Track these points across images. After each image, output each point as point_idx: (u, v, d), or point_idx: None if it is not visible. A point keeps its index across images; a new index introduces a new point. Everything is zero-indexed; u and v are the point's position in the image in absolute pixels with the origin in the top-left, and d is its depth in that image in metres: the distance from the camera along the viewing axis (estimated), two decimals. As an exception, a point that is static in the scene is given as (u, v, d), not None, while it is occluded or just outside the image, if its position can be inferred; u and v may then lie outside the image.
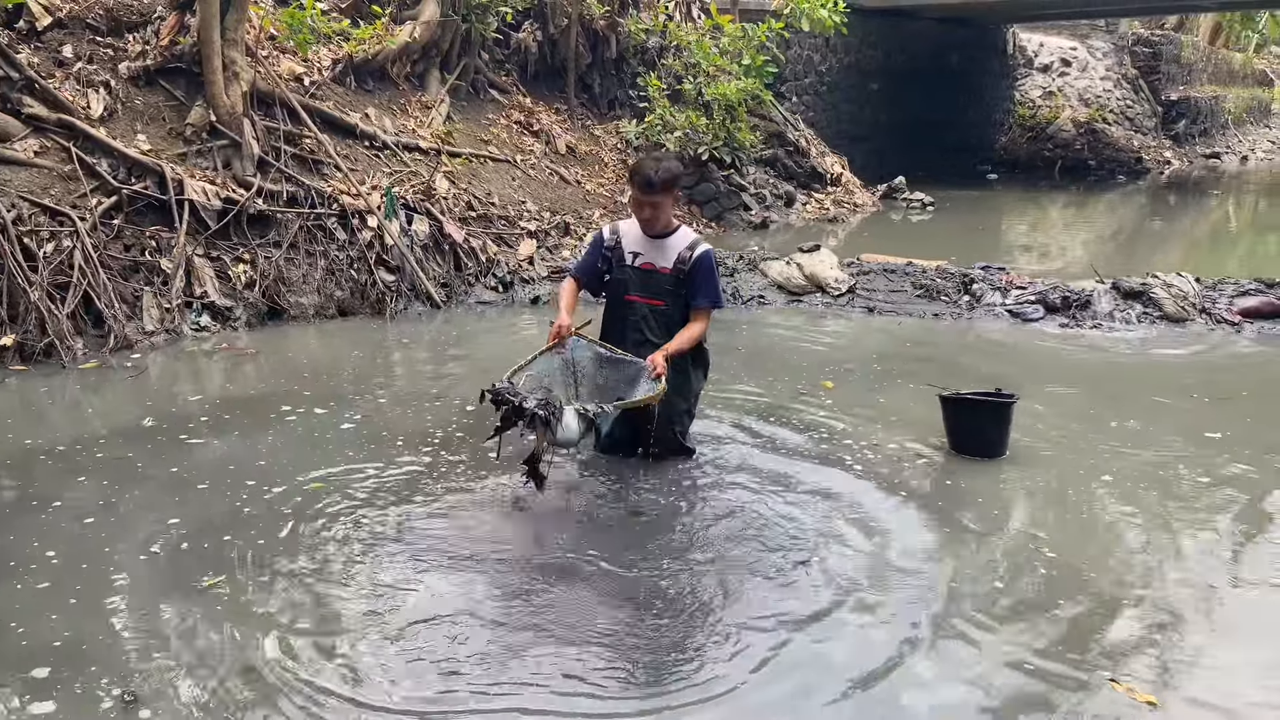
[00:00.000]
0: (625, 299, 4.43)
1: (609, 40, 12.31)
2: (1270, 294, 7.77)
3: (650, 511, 4.13)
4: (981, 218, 14.87)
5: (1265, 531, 4.08)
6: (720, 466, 4.61)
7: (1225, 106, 28.84)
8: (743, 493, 4.31)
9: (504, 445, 4.29)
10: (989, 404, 4.80)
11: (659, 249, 4.41)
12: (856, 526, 4.00)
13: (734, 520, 4.04)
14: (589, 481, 4.45)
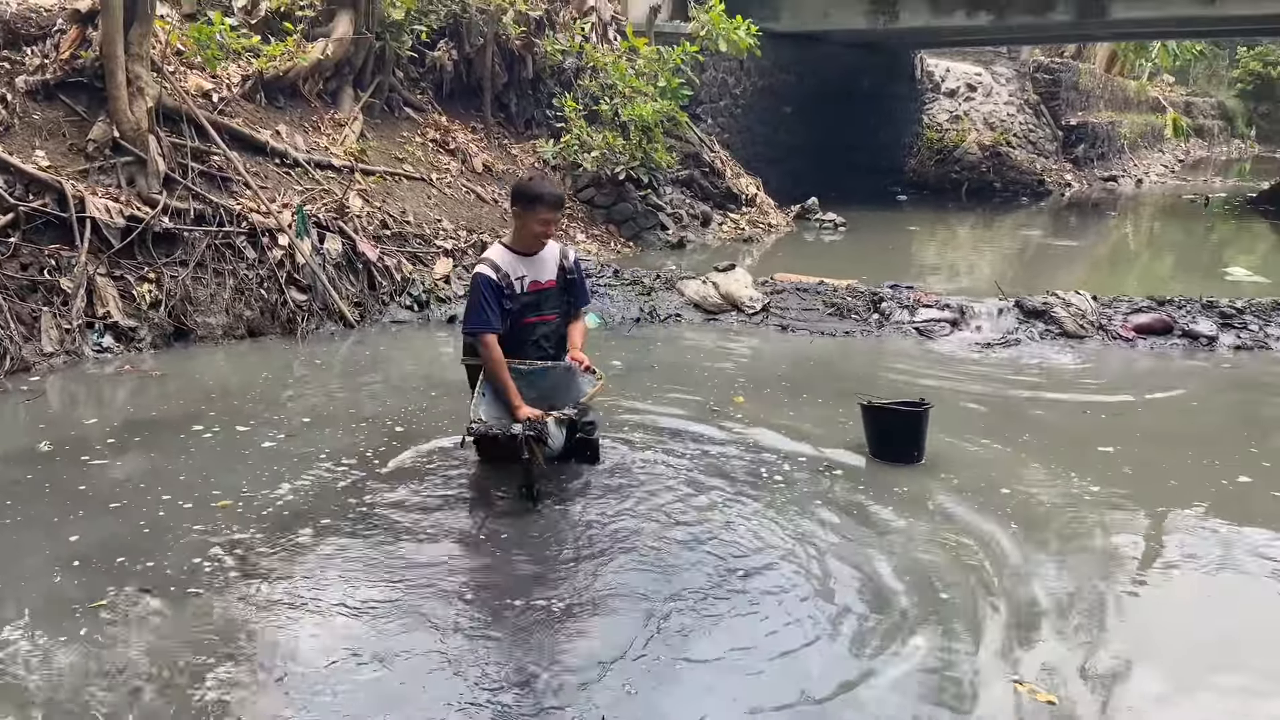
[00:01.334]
0: (524, 323, 4.47)
1: (525, 60, 12.34)
2: (1161, 311, 8.13)
3: (563, 528, 4.14)
4: (892, 238, 15.25)
5: (1158, 537, 4.27)
6: (637, 481, 4.64)
7: (1121, 131, 30.12)
8: (660, 502, 4.36)
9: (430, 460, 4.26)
10: (909, 412, 5.03)
11: (538, 265, 4.51)
12: (777, 534, 4.08)
13: (648, 534, 4.08)
14: (511, 501, 4.44)
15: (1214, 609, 3.67)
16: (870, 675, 3.11)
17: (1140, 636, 3.42)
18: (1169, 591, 3.81)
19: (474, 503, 4.40)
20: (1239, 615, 3.63)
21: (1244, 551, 4.10)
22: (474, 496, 4.46)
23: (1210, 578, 3.90)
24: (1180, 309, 8.25)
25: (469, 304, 4.43)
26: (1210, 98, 42.20)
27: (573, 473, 4.67)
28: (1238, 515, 4.47)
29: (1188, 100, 39.74)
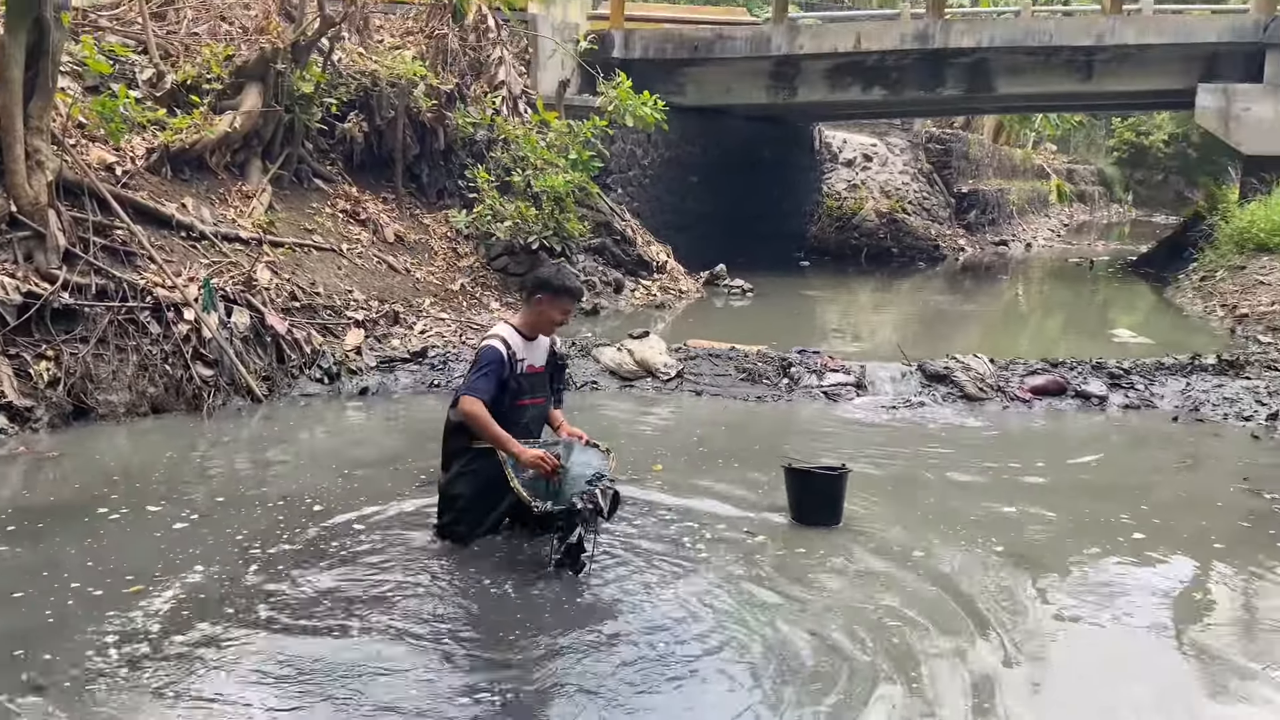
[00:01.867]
0: (517, 404, 4.55)
1: (437, 132, 12.43)
2: (1054, 373, 8.52)
3: (490, 611, 4.12)
4: (797, 302, 15.65)
5: (1061, 594, 4.44)
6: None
7: (1009, 198, 31.60)
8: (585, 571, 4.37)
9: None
10: (829, 475, 5.19)
11: (535, 349, 4.66)
12: (703, 602, 4.12)
13: (577, 606, 4.09)
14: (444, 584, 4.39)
15: (1119, 670, 3.84)
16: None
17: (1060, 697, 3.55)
18: (1078, 651, 3.97)
19: (398, 588, 4.30)
20: (1143, 676, 3.80)
21: (1139, 606, 4.30)
22: (399, 581, 4.38)
23: (1110, 635, 4.07)
24: (1072, 370, 8.66)
25: (475, 371, 4.47)
26: (1090, 165, 44.62)
27: (487, 548, 4.64)
28: (1133, 570, 4.69)
29: (1069, 167, 41.95)
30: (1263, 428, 7.40)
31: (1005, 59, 16.74)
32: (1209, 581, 4.68)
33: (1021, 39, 16.31)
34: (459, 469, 4.61)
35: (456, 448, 4.62)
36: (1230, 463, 6.73)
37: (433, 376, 8.56)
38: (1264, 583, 4.62)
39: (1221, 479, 6.36)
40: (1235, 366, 8.90)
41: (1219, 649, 3.93)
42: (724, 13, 20.38)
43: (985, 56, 16.66)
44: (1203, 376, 8.62)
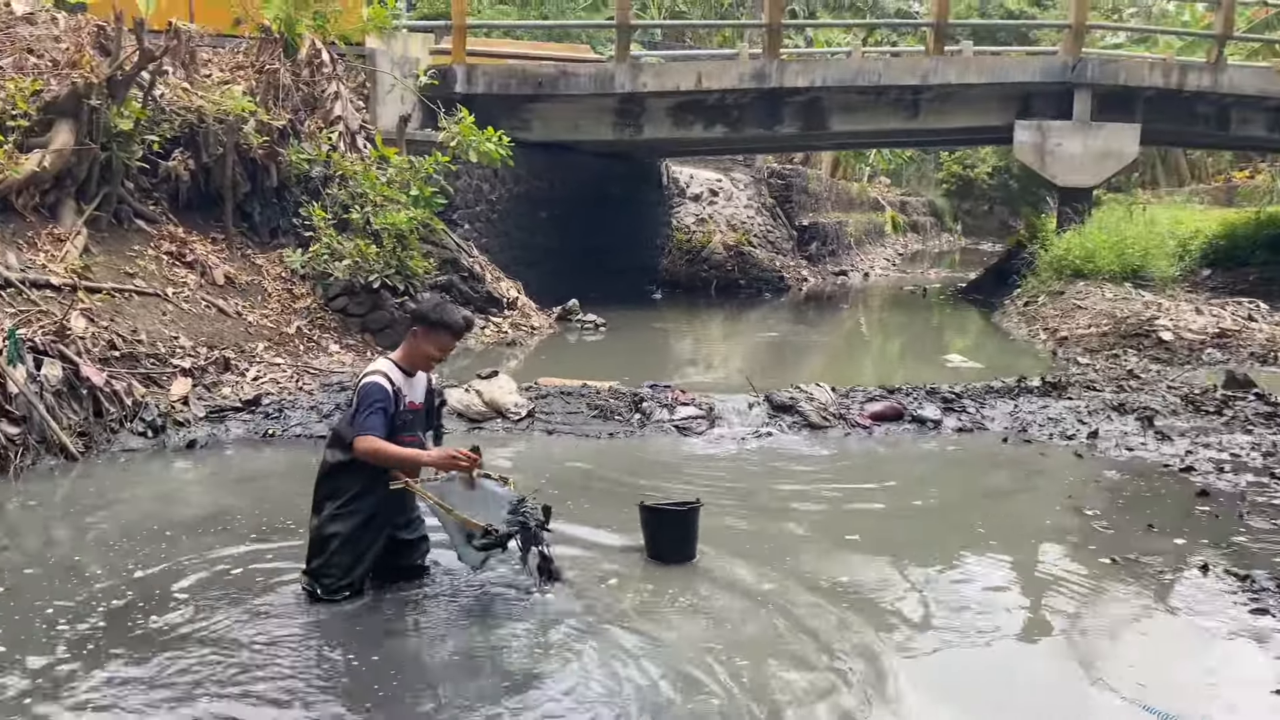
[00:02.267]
0: (399, 440, 4.38)
1: (269, 169, 11.96)
2: (892, 399, 8.80)
3: (340, 670, 3.88)
4: (650, 336, 15.76)
5: (909, 616, 4.52)
6: (408, 602, 4.45)
7: (848, 229, 32.87)
8: (443, 623, 4.20)
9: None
10: (681, 511, 5.19)
11: (415, 385, 4.56)
12: (559, 647, 4.00)
13: (444, 651, 3.89)
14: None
15: (969, 689, 3.92)
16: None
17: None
18: (929, 673, 4.03)
19: (228, 667, 4.00)
20: (992, 693, 3.89)
21: (982, 625, 4.42)
22: (228, 659, 4.08)
23: (957, 655, 4.16)
24: (908, 396, 8.96)
25: (363, 409, 4.29)
26: (921, 197, 47.02)
27: (326, 607, 4.41)
28: (973, 590, 4.83)
29: (903, 199, 44.07)
30: (1084, 446, 7.82)
31: (838, 98, 17.42)
32: (1042, 596, 4.85)
33: (852, 79, 17.02)
34: (334, 509, 4.43)
35: (333, 489, 4.46)
36: (1056, 481, 7.06)
37: (267, 426, 8.14)
38: (1090, 595, 4.83)
39: (1048, 498, 6.66)
40: (1058, 388, 9.41)
41: (1053, 657, 4.07)
42: (568, 50, 20.47)
43: (819, 95, 17.29)
44: (1029, 398, 9.07)
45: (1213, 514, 6.09)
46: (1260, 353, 11.97)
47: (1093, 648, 4.28)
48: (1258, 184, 32.53)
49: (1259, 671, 4.04)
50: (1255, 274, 19.06)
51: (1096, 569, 5.15)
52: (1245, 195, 31.66)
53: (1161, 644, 4.32)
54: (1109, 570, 5.13)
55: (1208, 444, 7.75)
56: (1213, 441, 7.81)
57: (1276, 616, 4.52)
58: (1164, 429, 8.16)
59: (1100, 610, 4.68)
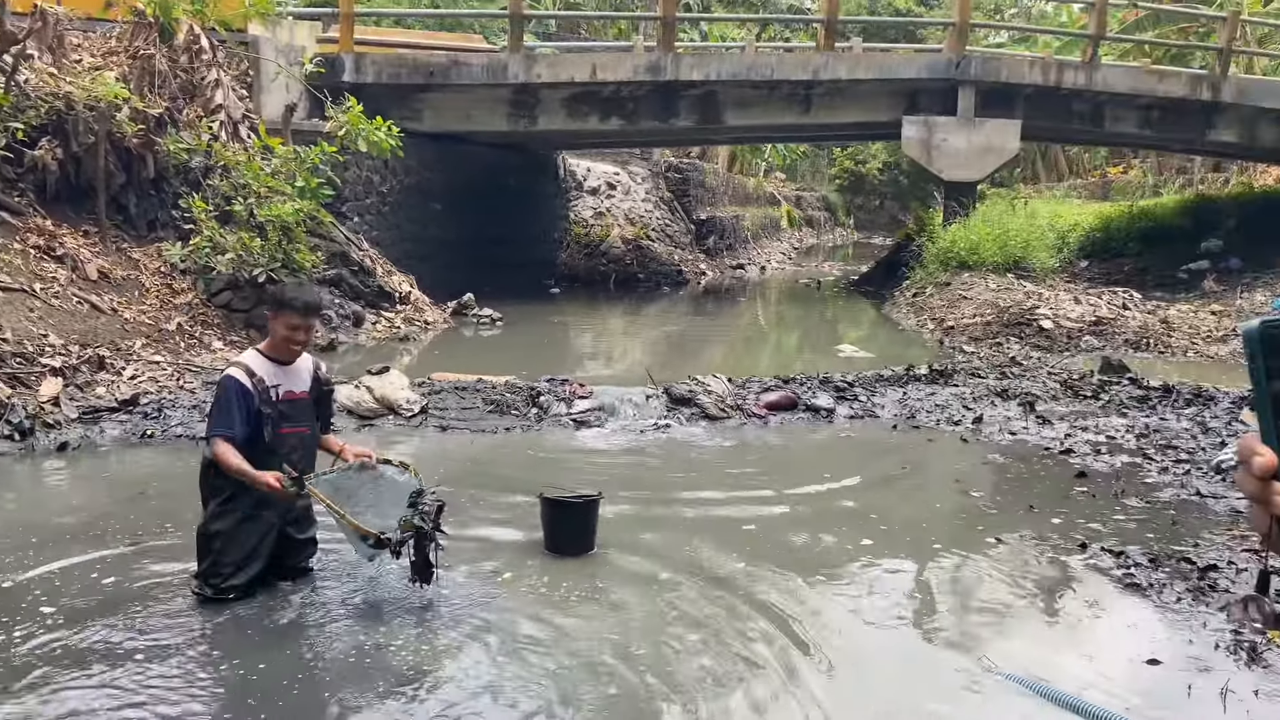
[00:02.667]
0: (280, 433, 4.35)
1: (146, 159, 11.43)
2: (786, 389, 8.91)
3: (231, 678, 3.71)
4: (548, 330, 15.64)
5: (805, 602, 4.57)
6: (289, 607, 4.29)
7: (745, 224, 33.25)
8: (340, 622, 4.05)
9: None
10: (579, 504, 5.18)
11: (293, 375, 4.43)
12: (472, 643, 3.91)
13: (341, 652, 3.75)
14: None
15: (867, 666, 3.97)
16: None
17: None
18: (829, 653, 4.07)
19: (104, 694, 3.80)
20: (888, 669, 3.94)
21: (879, 605, 4.49)
22: (100, 675, 3.86)
23: (853, 635, 4.22)
24: (802, 385, 9.09)
25: (215, 407, 4.29)
26: (816, 191, 47.88)
27: (214, 611, 4.23)
28: (867, 573, 4.90)
29: (798, 194, 44.80)
30: (969, 431, 8.05)
31: (733, 92, 17.56)
32: (930, 577, 4.96)
33: (746, 73, 17.18)
34: (215, 508, 4.37)
35: (214, 487, 4.38)
36: (943, 465, 7.25)
37: (146, 426, 7.79)
38: (975, 574, 4.96)
39: (936, 481, 6.84)
40: (944, 375, 9.67)
41: (940, 635, 4.16)
42: (460, 39, 20.15)
43: (714, 89, 17.41)
44: (917, 386, 9.30)
45: (1090, 494, 6.33)
46: (1134, 339, 12.53)
47: (977, 625, 4.40)
48: (1131, 179, 34.10)
49: (1132, 643, 4.20)
50: (1129, 264, 19.99)
51: (982, 549, 5.30)
52: (1119, 190, 33.16)
53: (1042, 619, 4.46)
54: (994, 550, 5.28)
55: (1085, 427, 8.06)
56: (1090, 425, 8.13)
57: (1148, 591, 4.71)
58: (1044, 413, 8.46)
59: (985, 588, 4.81)
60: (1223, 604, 4.51)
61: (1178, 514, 5.91)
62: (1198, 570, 4.90)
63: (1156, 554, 5.15)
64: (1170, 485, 6.51)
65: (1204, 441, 7.53)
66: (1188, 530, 5.59)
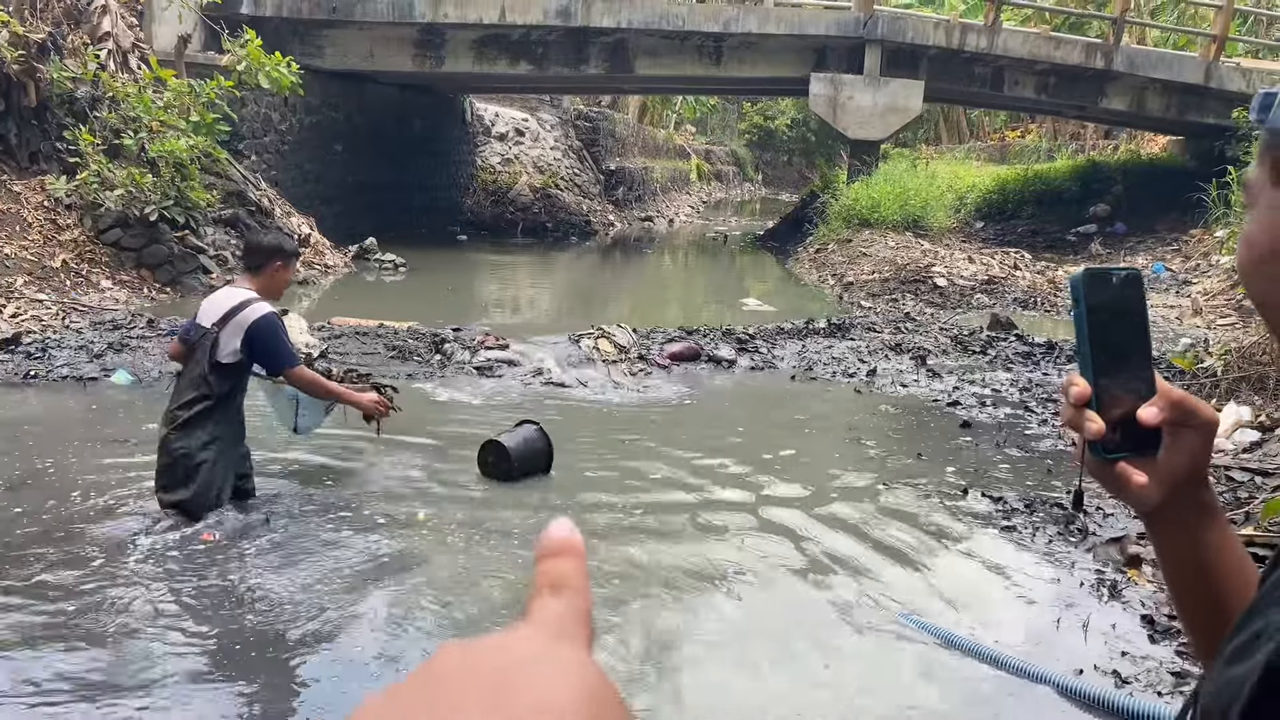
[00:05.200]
0: None
1: (27, 87, 10.84)
2: (690, 340, 9.04)
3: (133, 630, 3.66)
4: (454, 277, 15.46)
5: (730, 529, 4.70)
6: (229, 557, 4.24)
7: (654, 176, 33.23)
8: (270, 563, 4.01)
9: None
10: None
11: None
12: (382, 580, 3.91)
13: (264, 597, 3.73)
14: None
15: (770, 616, 4.12)
16: None
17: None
18: (731, 604, 4.21)
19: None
20: (787, 616, 4.11)
21: (778, 555, 4.65)
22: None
23: (758, 585, 4.37)
24: (705, 337, 9.23)
25: (276, 342, 4.52)
26: (725, 146, 48.01)
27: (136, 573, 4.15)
28: (756, 516, 5.07)
29: (707, 148, 44.88)
30: (863, 383, 8.30)
31: (644, 41, 17.47)
32: (822, 523, 5.14)
33: (657, 22, 17.08)
34: (205, 438, 4.52)
35: (203, 419, 4.52)
36: (838, 415, 7.47)
37: (30, 366, 7.50)
38: (865, 520, 5.16)
39: (831, 431, 7.04)
40: (842, 329, 9.93)
41: (830, 580, 4.34)
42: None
43: (625, 38, 17.29)
44: (816, 339, 9.53)
45: (974, 443, 6.63)
46: (1023, 298, 13.03)
47: (866, 569, 4.59)
48: (1027, 143, 35.13)
49: (1006, 583, 4.45)
50: (1023, 226, 20.70)
51: (872, 495, 5.52)
52: (1016, 154, 34.15)
53: (927, 561, 4.68)
54: (882, 496, 5.51)
55: (973, 380, 8.39)
56: (977, 378, 8.47)
57: (1022, 533, 4.99)
58: (935, 367, 8.77)
59: (875, 533, 5.02)
60: (1089, 546, 4.80)
61: (1054, 463, 6.23)
62: (1068, 515, 5.19)
63: (1032, 500, 5.44)
64: (1049, 436, 6.85)
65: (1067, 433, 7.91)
66: (1062, 478, 5.90)
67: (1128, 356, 0.90)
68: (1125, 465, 0.89)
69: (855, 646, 3.83)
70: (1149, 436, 0.88)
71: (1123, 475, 0.89)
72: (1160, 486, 0.89)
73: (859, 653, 3.79)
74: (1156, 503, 0.90)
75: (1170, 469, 0.88)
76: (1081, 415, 0.88)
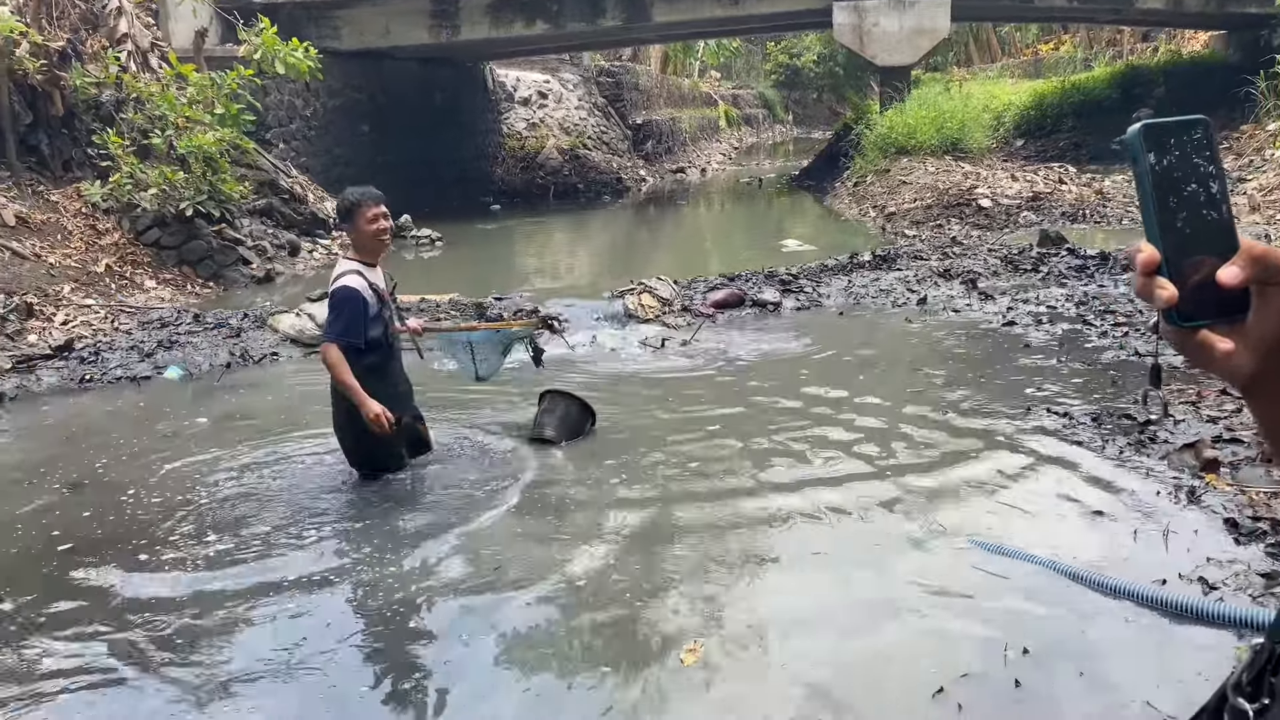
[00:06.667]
0: (395, 330, 4.69)
1: (52, 96, 10.93)
2: (732, 286, 8.91)
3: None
4: (490, 248, 15.44)
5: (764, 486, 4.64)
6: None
7: (682, 126, 32.82)
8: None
9: None
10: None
11: (379, 275, 4.66)
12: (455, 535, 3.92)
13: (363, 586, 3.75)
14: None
15: (845, 550, 4.05)
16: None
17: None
18: (815, 539, 4.14)
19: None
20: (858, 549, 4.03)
21: (857, 493, 4.57)
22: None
23: (833, 523, 4.30)
24: (748, 282, 9.09)
25: (342, 314, 4.41)
26: (752, 89, 47.24)
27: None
28: (824, 454, 4.98)
29: (734, 93, 44.20)
30: (914, 312, 8.13)
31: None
32: (890, 454, 5.02)
33: (672, -34, 16.76)
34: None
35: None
36: (891, 346, 7.32)
37: (85, 370, 7.60)
38: (931, 446, 5.05)
39: (885, 362, 6.90)
40: (888, 261, 9.73)
41: (902, 507, 4.25)
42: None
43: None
44: (861, 273, 9.35)
45: (1034, 362, 6.45)
46: (1071, 211, 12.68)
47: (929, 490, 4.49)
48: (1062, 55, 34.11)
49: (1079, 497, 4.32)
50: (1064, 139, 20.13)
51: (933, 423, 5.39)
52: (1051, 67, 33.18)
53: (994, 482, 4.56)
54: (945, 421, 5.38)
55: (1026, 299, 8.18)
56: (1031, 297, 8.25)
57: (1092, 446, 4.84)
58: (987, 289, 8.56)
59: (938, 456, 4.91)
60: (1163, 454, 4.65)
61: (1118, 374, 6.04)
62: (1138, 425, 5.03)
63: (1099, 413, 5.28)
64: (1110, 348, 6.65)
65: (1141, 304, 7.69)
66: (1128, 388, 5.72)
67: (1200, 214, 0.79)
68: (1208, 333, 0.78)
69: (930, 569, 3.74)
70: (1234, 300, 0.77)
71: (1206, 344, 0.78)
72: (1252, 353, 0.78)
73: (934, 574, 3.70)
74: (1250, 372, 0.78)
75: (1261, 333, 0.77)
76: (1151, 282, 0.78)
